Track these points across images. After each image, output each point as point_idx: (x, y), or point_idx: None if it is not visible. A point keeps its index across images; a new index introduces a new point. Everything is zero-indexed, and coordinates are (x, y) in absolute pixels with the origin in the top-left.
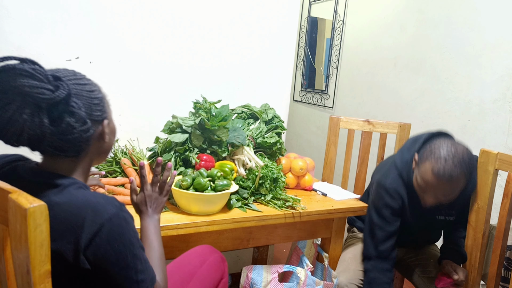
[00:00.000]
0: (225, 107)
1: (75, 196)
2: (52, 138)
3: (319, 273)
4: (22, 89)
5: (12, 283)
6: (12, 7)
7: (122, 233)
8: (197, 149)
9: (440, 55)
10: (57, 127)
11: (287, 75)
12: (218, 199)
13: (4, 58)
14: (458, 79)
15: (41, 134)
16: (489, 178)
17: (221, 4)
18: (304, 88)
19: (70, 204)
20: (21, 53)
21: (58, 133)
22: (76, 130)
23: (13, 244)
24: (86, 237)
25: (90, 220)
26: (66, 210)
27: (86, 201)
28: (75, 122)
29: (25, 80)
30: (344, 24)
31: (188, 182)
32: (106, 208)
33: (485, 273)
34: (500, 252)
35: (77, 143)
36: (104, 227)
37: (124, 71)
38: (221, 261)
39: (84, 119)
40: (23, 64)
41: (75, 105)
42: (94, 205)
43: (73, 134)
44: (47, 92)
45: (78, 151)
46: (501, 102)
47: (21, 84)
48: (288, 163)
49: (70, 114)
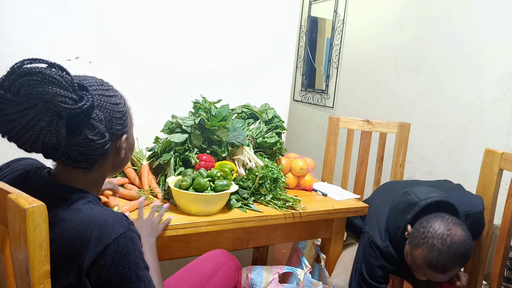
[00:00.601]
0: (225, 107)
1: (83, 212)
2: (67, 149)
3: (316, 274)
4: (46, 96)
5: (11, 284)
6: (12, 7)
7: (128, 254)
8: (197, 149)
9: (440, 55)
10: (73, 138)
11: (287, 75)
12: (217, 200)
13: (32, 60)
14: (458, 79)
15: (56, 143)
16: (493, 178)
17: (221, 4)
18: (304, 88)
19: (76, 221)
20: (21, 53)
21: (74, 145)
22: (93, 143)
23: (12, 245)
24: (90, 257)
25: (95, 239)
26: (71, 228)
27: (93, 219)
28: (93, 135)
29: (50, 86)
30: (344, 24)
31: (188, 182)
32: (113, 227)
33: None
34: (504, 253)
35: (92, 156)
36: (109, 248)
37: (124, 71)
38: (236, 269)
39: (103, 133)
40: (50, 69)
41: (96, 117)
42: (101, 224)
43: (90, 147)
44: (70, 101)
45: (92, 163)
46: (501, 102)
47: (45, 90)
48: (288, 163)
49: (89, 127)
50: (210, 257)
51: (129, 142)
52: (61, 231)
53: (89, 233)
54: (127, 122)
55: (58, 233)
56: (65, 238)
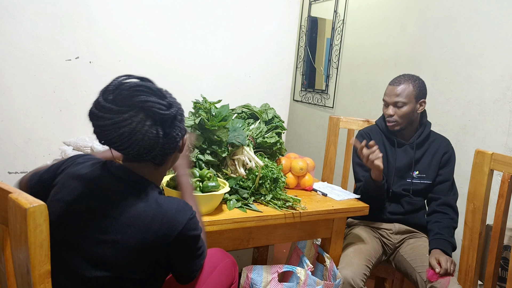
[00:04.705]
0: (225, 107)
1: (158, 203)
2: (160, 148)
3: (319, 274)
4: (145, 104)
5: (12, 283)
6: (12, 7)
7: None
8: (197, 149)
9: (440, 55)
10: (168, 139)
11: (287, 75)
12: (205, 200)
13: (128, 76)
14: (458, 79)
15: (155, 144)
16: (484, 178)
17: (221, 4)
18: (304, 88)
19: (152, 210)
20: (21, 52)
21: (166, 144)
22: (177, 142)
23: (13, 244)
24: (168, 237)
25: (175, 222)
26: (155, 209)
27: (170, 204)
28: (177, 135)
29: (148, 96)
30: (344, 24)
31: (175, 182)
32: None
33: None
34: (497, 252)
35: (169, 153)
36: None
37: (124, 71)
38: (233, 266)
39: (183, 133)
40: (146, 82)
41: (180, 119)
42: (176, 208)
43: (171, 145)
44: (164, 107)
45: (164, 160)
46: (501, 102)
47: (145, 99)
48: (288, 163)
49: (176, 128)
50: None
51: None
52: (144, 209)
53: (165, 220)
54: (184, 121)
55: (142, 210)
56: (148, 215)
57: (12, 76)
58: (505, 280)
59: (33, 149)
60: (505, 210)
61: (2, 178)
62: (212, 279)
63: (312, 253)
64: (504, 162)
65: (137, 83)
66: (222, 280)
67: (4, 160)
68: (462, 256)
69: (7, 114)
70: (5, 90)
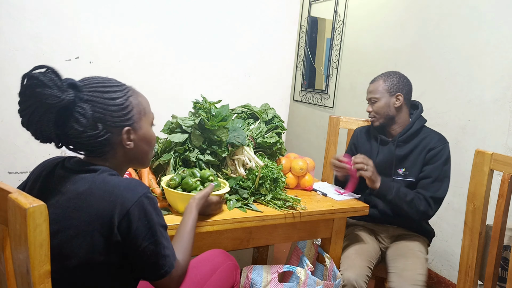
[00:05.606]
0: (225, 107)
1: (105, 181)
2: (64, 139)
3: (319, 274)
4: (38, 95)
5: (12, 283)
6: (12, 7)
7: (150, 211)
8: (197, 149)
9: (440, 55)
10: (62, 129)
11: (287, 75)
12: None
13: (38, 66)
14: (458, 79)
15: (49, 133)
16: (484, 178)
17: (221, 4)
18: (304, 88)
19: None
20: (21, 53)
21: (71, 136)
22: (85, 134)
23: (12, 244)
24: (120, 213)
25: (123, 199)
26: (101, 189)
27: (120, 182)
28: (79, 126)
29: (41, 88)
30: (344, 24)
31: (176, 181)
32: (137, 189)
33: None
34: (497, 252)
35: (92, 145)
36: (134, 205)
37: (124, 71)
38: (234, 269)
39: (91, 124)
40: (44, 74)
41: (81, 110)
42: (126, 186)
43: (83, 137)
44: (55, 98)
45: (101, 152)
46: (501, 102)
47: (37, 91)
48: (288, 163)
49: (75, 119)
50: (208, 257)
51: (139, 135)
52: (91, 191)
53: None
54: (129, 115)
55: (88, 192)
56: (95, 196)
57: (12, 76)
58: (505, 280)
59: (33, 149)
60: (505, 210)
61: (2, 178)
62: (212, 282)
63: (312, 253)
64: (504, 162)
65: (35, 74)
66: (223, 283)
67: (4, 160)
68: (462, 256)
69: (7, 114)
70: (5, 90)
